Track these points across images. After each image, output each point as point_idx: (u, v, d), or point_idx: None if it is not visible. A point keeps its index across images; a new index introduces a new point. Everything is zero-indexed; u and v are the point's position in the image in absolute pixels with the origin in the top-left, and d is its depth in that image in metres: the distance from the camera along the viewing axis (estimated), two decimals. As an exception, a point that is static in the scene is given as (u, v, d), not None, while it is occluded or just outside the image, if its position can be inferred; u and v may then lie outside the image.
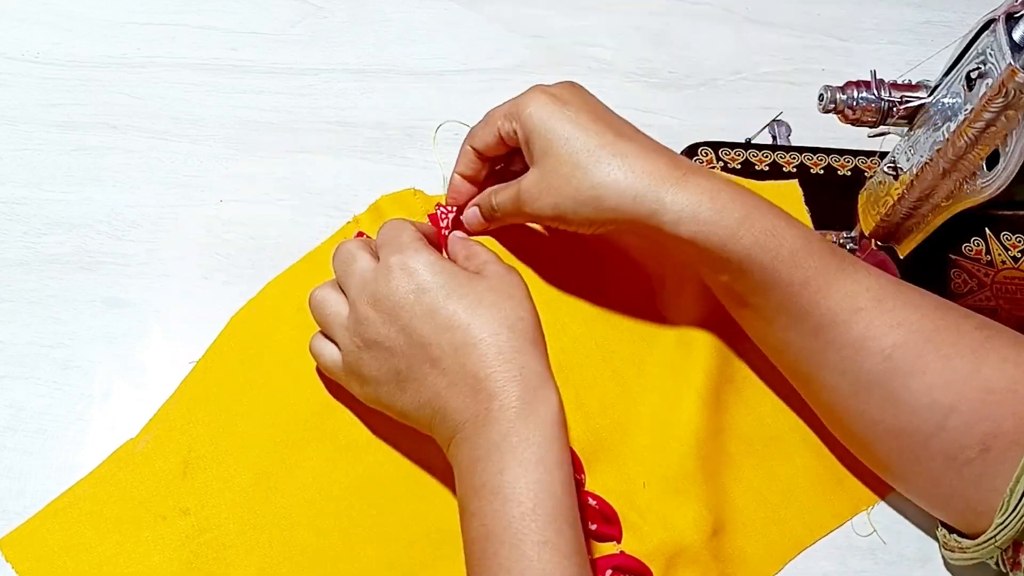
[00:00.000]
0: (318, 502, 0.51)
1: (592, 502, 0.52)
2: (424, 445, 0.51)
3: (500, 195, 0.55)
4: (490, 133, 0.54)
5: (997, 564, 0.49)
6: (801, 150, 0.67)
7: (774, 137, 0.68)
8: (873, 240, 0.57)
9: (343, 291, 0.51)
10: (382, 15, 0.72)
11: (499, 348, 0.46)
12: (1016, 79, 0.43)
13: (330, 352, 0.51)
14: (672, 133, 0.68)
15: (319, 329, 0.52)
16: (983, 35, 0.46)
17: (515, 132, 0.52)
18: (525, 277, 0.58)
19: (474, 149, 0.55)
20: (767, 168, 0.66)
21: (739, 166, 0.66)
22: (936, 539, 0.53)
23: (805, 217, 0.64)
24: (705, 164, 0.66)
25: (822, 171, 0.67)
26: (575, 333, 0.57)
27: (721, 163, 0.66)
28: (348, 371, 0.50)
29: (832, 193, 0.66)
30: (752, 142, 0.67)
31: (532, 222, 0.57)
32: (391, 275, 0.48)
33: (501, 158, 0.57)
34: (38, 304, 0.56)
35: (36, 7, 0.68)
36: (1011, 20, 0.44)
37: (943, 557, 0.53)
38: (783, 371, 0.55)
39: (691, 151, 0.67)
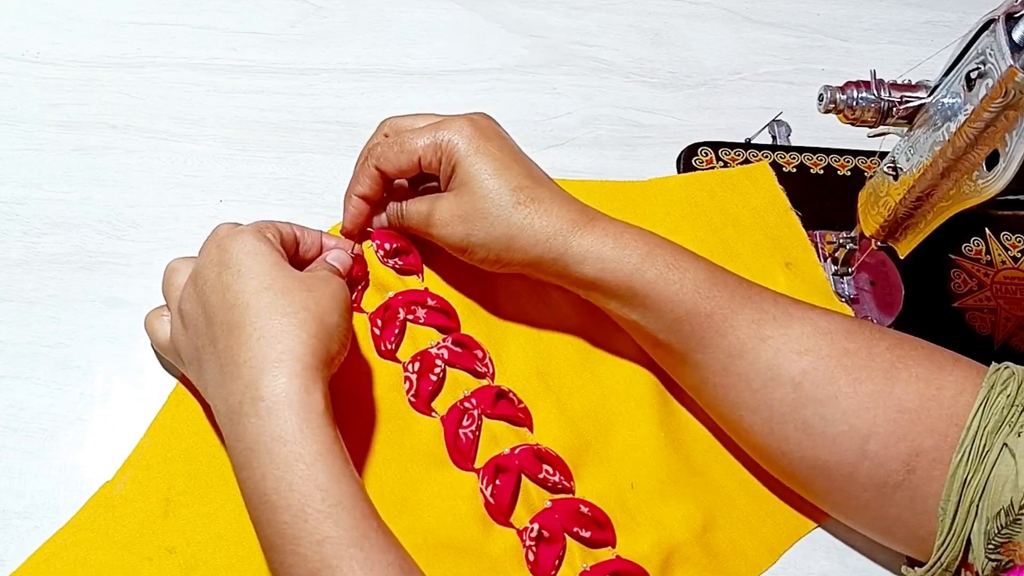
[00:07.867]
0: None
1: (584, 509, 0.51)
2: (404, 461, 0.51)
3: (410, 208, 0.54)
4: (408, 160, 0.53)
5: None
6: (801, 150, 0.68)
7: (774, 137, 0.68)
8: (873, 240, 0.57)
9: None
10: (382, 15, 0.72)
11: (262, 332, 0.43)
12: (1016, 79, 0.43)
13: (162, 329, 0.51)
14: (672, 133, 0.68)
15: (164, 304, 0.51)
16: (983, 35, 0.46)
17: (438, 161, 0.52)
18: (490, 286, 0.57)
19: (382, 172, 0.54)
20: (767, 168, 0.66)
21: (739, 166, 0.66)
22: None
23: (780, 196, 0.64)
24: (705, 164, 0.66)
25: (822, 171, 0.67)
26: (550, 339, 0.57)
27: (721, 163, 0.66)
28: (172, 350, 0.50)
29: (832, 193, 0.66)
30: (752, 142, 0.67)
31: (434, 241, 0.54)
32: (208, 249, 0.47)
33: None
34: (38, 304, 0.56)
35: (36, 7, 0.68)
36: (1011, 20, 0.44)
37: None
38: (708, 413, 0.55)
39: (691, 151, 0.67)
